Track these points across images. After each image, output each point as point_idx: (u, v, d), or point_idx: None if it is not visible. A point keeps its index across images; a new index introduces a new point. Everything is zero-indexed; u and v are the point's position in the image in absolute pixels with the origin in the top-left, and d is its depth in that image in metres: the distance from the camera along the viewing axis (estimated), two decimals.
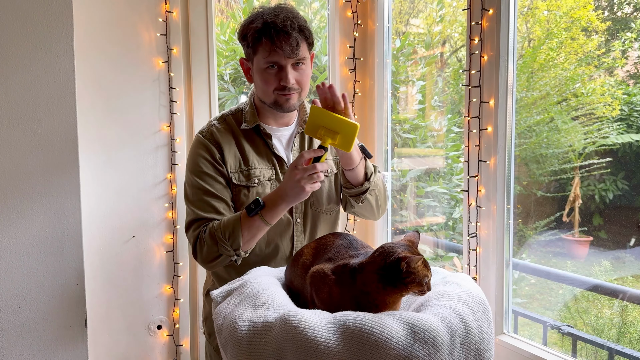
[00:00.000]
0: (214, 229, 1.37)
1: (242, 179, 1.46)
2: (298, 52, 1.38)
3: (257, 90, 1.46)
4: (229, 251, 1.36)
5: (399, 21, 3.23)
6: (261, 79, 1.41)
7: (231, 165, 1.46)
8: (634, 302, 2.13)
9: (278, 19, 1.35)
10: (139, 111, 1.90)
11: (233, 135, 1.48)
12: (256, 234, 1.37)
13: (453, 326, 1.00)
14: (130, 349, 1.96)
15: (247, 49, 1.42)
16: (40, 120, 1.44)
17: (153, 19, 1.89)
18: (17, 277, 1.44)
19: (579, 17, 2.59)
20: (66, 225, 1.48)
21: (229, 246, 1.36)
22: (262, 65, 1.39)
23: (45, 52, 1.42)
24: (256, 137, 1.50)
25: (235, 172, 1.46)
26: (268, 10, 1.39)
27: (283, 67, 1.38)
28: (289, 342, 0.99)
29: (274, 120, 1.51)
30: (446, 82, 3.05)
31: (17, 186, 1.42)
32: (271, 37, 1.34)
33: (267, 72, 1.39)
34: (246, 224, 1.36)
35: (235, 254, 1.37)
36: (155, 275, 1.97)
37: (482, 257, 1.65)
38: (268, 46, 1.35)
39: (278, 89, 1.40)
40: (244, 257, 1.41)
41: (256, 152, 1.48)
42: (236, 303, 1.15)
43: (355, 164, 1.42)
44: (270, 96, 1.42)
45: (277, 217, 1.38)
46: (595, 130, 2.48)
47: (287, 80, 1.38)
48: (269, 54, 1.36)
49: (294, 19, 1.38)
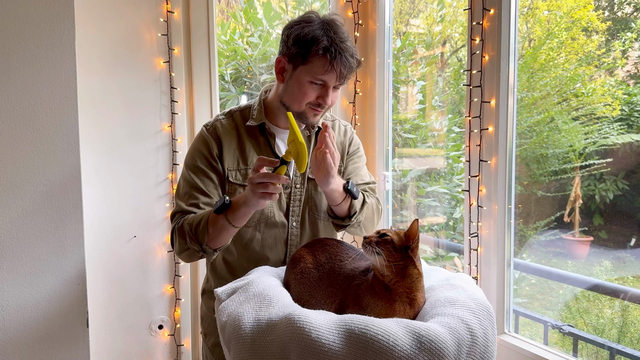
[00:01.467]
0: (185, 222, 1.38)
1: (238, 177, 1.46)
2: (347, 79, 1.41)
3: (287, 95, 1.43)
4: (195, 245, 1.36)
5: (400, 21, 3.23)
6: (299, 89, 1.40)
7: (229, 162, 1.46)
8: (634, 302, 2.13)
9: (344, 44, 1.36)
10: (141, 111, 1.90)
11: (237, 132, 1.48)
12: (221, 232, 1.34)
13: (460, 337, 1.00)
14: (131, 349, 1.96)
15: (295, 54, 1.38)
16: (42, 120, 1.44)
17: (154, 19, 1.90)
18: (18, 277, 1.44)
19: (579, 17, 2.59)
20: (68, 225, 1.48)
21: (194, 241, 1.35)
22: (307, 78, 1.38)
23: (47, 52, 1.42)
24: (260, 135, 1.49)
25: (232, 170, 1.46)
26: (331, 26, 1.38)
27: (327, 87, 1.39)
28: (292, 342, 0.99)
29: (283, 121, 1.50)
30: (447, 82, 3.05)
31: (18, 186, 1.42)
32: (333, 58, 1.34)
33: (310, 86, 1.39)
34: (212, 221, 1.34)
35: (200, 249, 1.36)
36: (157, 275, 1.97)
37: (483, 257, 1.65)
38: (327, 65, 1.35)
39: (313, 104, 1.41)
40: (214, 255, 1.40)
41: (257, 151, 1.48)
42: (241, 301, 1.15)
43: (335, 202, 1.41)
44: (301, 107, 1.42)
45: (242, 220, 1.34)
46: (596, 131, 2.48)
47: (326, 101, 1.41)
48: (323, 73, 1.36)
49: (353, 44, 1.40)
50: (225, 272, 1.50)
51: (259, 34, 2.89)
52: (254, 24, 2.92)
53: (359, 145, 1.63)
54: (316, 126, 1.53)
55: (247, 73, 2.91)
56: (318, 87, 1.39)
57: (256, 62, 2.86)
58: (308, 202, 1.51)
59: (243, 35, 2.95)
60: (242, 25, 3.01)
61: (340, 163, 1.56)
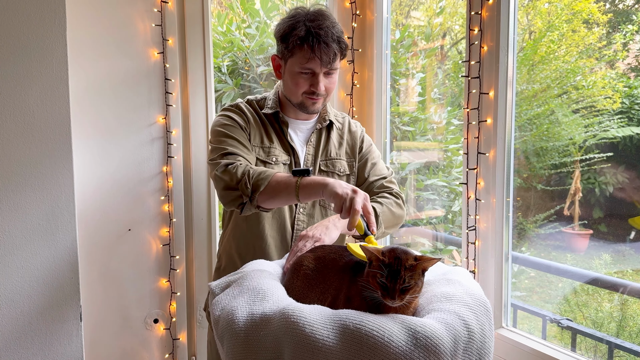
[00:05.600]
0: (249, 167, 1.37)
1: (262, 154, 1.51)
2: (334, 63, 1.46)
3: (286, 89, 1.53)
4: (246, 190, 1.33)
5: (399, 13, 3.21)
6: (292, 81, 1.48)
7: (255, 138, 1.52)
8: (634, 296, 2.12)
9: (321, 30, 1.42)
10: (134, 103, 1.88)
11: (257, 115, 1.57)
12: (282, 192, 1.32)
13: (457, 333, 0.98)
14: (126, 343, 1.95)
15: (283, 50, 1.48)
16: (33, 111, 1.41)
17: (148, 9, 1.87)
18: (11, 270, 1.42)
19: (580, 10, 2.57)
20: (60, 218, 1.46)
21: (249, 184, 1.33)
22: (296, 69, 1.46)
23: (38, 42, 1.40)
24: (275, 124, 1.57)
25: (257, 147, 1.51)
26: (310, 16, 1.45)
27: (316, 74, 1.46)
28: (286, 337, 0.98)
29: (294, 113, 1.57)
30: (446, 75, 3.02)
31: (10, 179, 1.40)
32: (312, 46, 1.41)
33: (300, 76, 1.47)
34: (279, 178, 1.33)
35: (249, 196, 1.34)
36: (152, 269, 1.96)
37: (481, 250, 1.63)
38: (307, 54, 1.42)
39: (307, 92, 1.48)
40: (252, 211, 1.38)
41: (278, 137, 1.56)
42: (235, 295, 1.14)
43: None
44: (298, 98, 1.50)
45: (308, 196, 1.29)
46: (596, 123, 2.47)
47: (318, 88, 1.46)
48: (307, 61, 1.43)
49: (334, 29, 1.44)
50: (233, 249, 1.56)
51: (256, 25, 2.86)
52: (251, 15, 2.89)
53: (371, 142, 1.68)
54: (328, 119, 1.60)
55: (244, 65, 2.88)
56: (308, 76, 1.47)
57: (253, 53, 2.83)
58: None
59: (240, 26, 2.92)
60: (239, 17, 2.98)
61: (352, 160, 1.61)
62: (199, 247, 2.02)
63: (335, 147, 1.60)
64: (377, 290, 1.01)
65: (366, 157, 1.63)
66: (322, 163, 1.58)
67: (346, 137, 1.63)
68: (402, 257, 1.00)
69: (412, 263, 1.00)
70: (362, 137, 1.66)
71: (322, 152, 1.58)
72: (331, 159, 1.59)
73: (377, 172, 1.61)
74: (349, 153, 1.62)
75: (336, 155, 1.60)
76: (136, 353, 1.97)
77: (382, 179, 1.59)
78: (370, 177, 1.59)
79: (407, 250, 1.04)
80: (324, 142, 1.59)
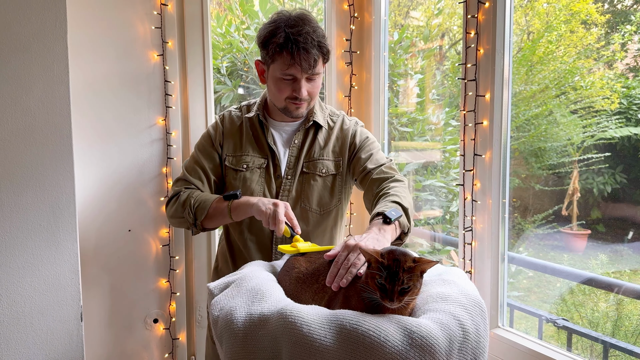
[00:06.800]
0: (192, 195, 1.54)
1: (233, 162, 1.59)
2: (314, 69, 1.45)
3: (270, 94, 1.56)
4: (190, 218, 1.53)
5: (398, 13, 3.21)
6: (275, 87, 1.50)
7: (229, 148, 1.61)
8: (629, 296, 2.13)
9: (300, 36, 1.41)
10: (134, 105, 1.89)
11: (241, 122, 1.64)
12: (217, 216, 1.50)
13: (452, 333, 0.99)
14: (126, 343, 1.96)
15: (265, 55, 1.50)
16: (34, 113, 1.43)
17: (148, 12, 1.88)
18: (12, 270, 1.43)
19: (578, 10, 2.57)
20: (61, 219, 1.47)
21: (192, 214, 1.52)
22: (278, 75, 1.47)
23: (38, 44, 1.41)
24: (258, 126, 1.60)
25: (230, 156, 1.60)
26: (291, 22, 1.44)
27: (298, 80, 1.46)
28: (284, 337, 0.99)
29: (280, 115, 1.60)
30: (445, 75, 3.03)
31: (10, 180, 1.41)
32: (292, 53, 1.41)
33: (282, 82, 1.48)
34: (215, 204, 1.50)
35: (193, 223, 1.53)
36: (151, 269, 1.97)
37: (478, 251, 1.65)
38: (287, 60, 1.43)
39: (290, 97, 1.50)
40: (198, 233, 1.58)
41: (255, 141, 1.60)
42: (233, 295, 1.15)
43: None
44: (282, 103, 1.52)
45: (239, 215, 1.47)
46: (594, 124, 2.47)
47: (300, 93, 1.48)
48: (287, 67, 1.44)
49: (314, 34, 1.43)
50: (226, 250, 1.66)
51: (255, 27, 2.87)
52: (250, 17, 2.90)
53: (367, 135, 1.66)
54: (311, 119, 1.60)
55: (243, 66, 2.89)
56: (290, 82, 1.48)
57: (252, 55, 2.84)
58: (300, 194, 1.57)
59: (239, 28, 2.93)
60: (239, 18, 2.99)
61: (339, 159, 1.62)
62: (198, 248, 2.03)
63: (320, 148, 1.60)
64: (376, 291, 1.02)
65: (362, 149, 1.61)
66: (304, 164, 1.58)
67: (336, 135, 1.62)
68: (401, 259, 1.01)
69: (411, 265, 1.01)
70: (354, 132, 1.64)
71: (305, 153, 1.58)
72: (313, 160, 1.59)
73: (374, 161, 1.59)
74: (337, 152, 1.61)
75: (319, 156, 1.59)
76: (136, 353, 1.98)
77: (380, 166, 1.57)
78: (368, 165, 1.56)
79: (406, 251, 1.04)
80: (309, 144, 1.59)
